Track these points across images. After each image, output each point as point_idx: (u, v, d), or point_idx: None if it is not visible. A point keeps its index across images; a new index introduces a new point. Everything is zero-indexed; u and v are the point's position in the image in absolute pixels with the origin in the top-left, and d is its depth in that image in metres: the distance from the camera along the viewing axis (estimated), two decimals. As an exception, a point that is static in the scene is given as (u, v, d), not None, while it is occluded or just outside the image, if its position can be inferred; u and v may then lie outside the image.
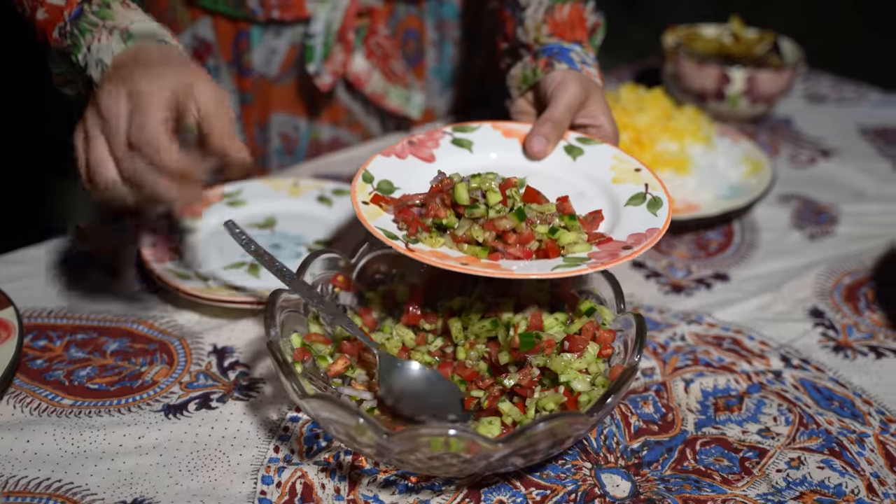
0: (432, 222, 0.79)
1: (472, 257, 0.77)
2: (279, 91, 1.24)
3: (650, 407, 0.84)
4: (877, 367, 0.91)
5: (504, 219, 0.77)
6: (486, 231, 0.77)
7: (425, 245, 0.78)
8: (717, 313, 0.98)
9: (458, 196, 0.78)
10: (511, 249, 0.77)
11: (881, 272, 1.06)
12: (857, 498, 0.75)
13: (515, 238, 0.77)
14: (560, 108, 0.90)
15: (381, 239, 0.77)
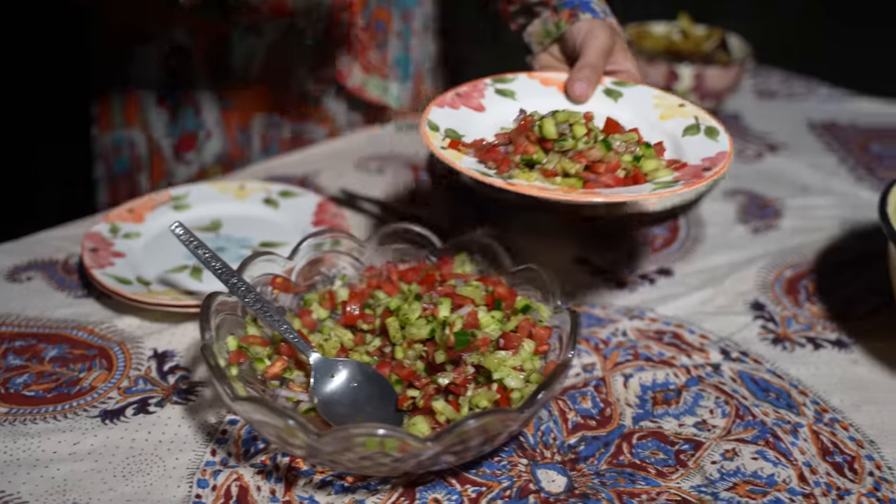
0: (521, 159, 0.82)
1: (571, 187, 0.80)
2: (259, 92, 1.25)
3: (588, 402, 0.85)
4: (814, 358, 0.92)
5: (593, 149, 0.81)
6: (576, 163, 0.80)
7: (521, 180, 0.80)
8: (660, 308, 0.99)
9: (547, 131, 0.81)
10: (603, 178, 0.80)
11: (822, 265, 1.07)
12: (789, 487, 0.77)
13: (605, 167, 0.81)
14: (595, 53, 0.93)
15: (476, 177, 0.79)
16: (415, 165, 1.26)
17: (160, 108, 1.26)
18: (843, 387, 0.88)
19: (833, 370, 0.91)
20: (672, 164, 0.84)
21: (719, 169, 0.81)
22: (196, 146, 1.28)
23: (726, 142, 0.87)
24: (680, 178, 0.82)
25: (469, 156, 0.84)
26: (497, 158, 0.82)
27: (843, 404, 0.86)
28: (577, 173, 0.81)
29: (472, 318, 0.78)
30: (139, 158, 1.31)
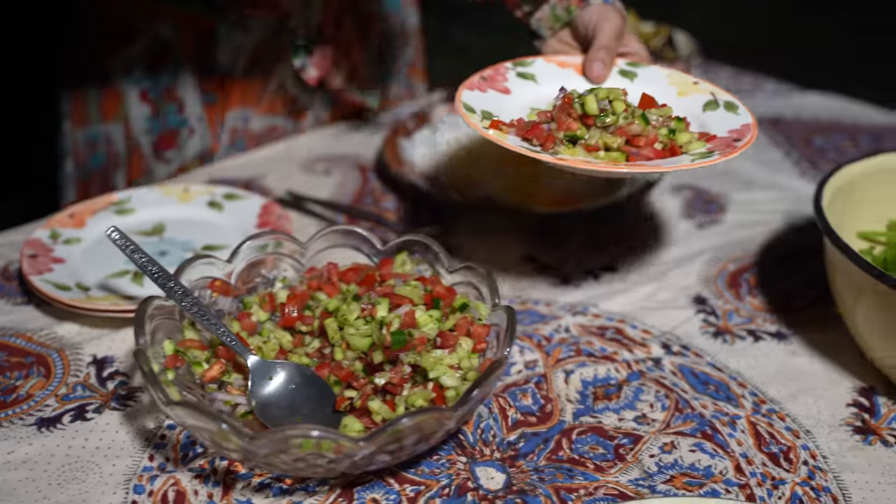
0: (564, 135, 0.84)
1: (614, 161, 0.84)
2: (241, 87, 1.24)
3: (529, 399, 0.85)
4: (754, 351, 0.93)
5: (633, 124, 0.84)
6: (617, 137, 0.84)
7: (566, 156, 0.83)
8: (603, 304, 0.99)
9: (589, 107, 0.85)
10: (644, 151, 0.84)
11: (764, 258, 1.09)
12: (725, 478, 0.77)
13: (644, 141, 0.84)
14: (609, 36, 0.96)
15: (525, 153, 0.82)
16: (363, 166, 1.26)
17: (143, 103, 1.26)
18: (781, 378, 0.89)
19: (772, 362, 0.92)
20: (703, 137, 0.88)
21: (749, 139, 0.85)
22: (177, 144, 1.28)
23: (748, 114, 0.90)
24: (713, 148, 0.86)
25: (512, 134, 0.87)
26: (541, 136, 0.85)
27: (780, 395, 0.87)
28: (619, 147, 0.84)
29: (410, 318, 0.78)
30: (116, 155, 1.30)
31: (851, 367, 0.90)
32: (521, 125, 0.87)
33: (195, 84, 1.23)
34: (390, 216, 1.15)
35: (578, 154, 0.84)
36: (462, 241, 1.09)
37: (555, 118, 0.87)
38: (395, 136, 1.25)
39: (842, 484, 0.77)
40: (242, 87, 1.26)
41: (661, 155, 0.85)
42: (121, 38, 1.23)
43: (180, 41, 1.20)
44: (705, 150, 0.86)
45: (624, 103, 0.86)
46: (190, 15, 1.18)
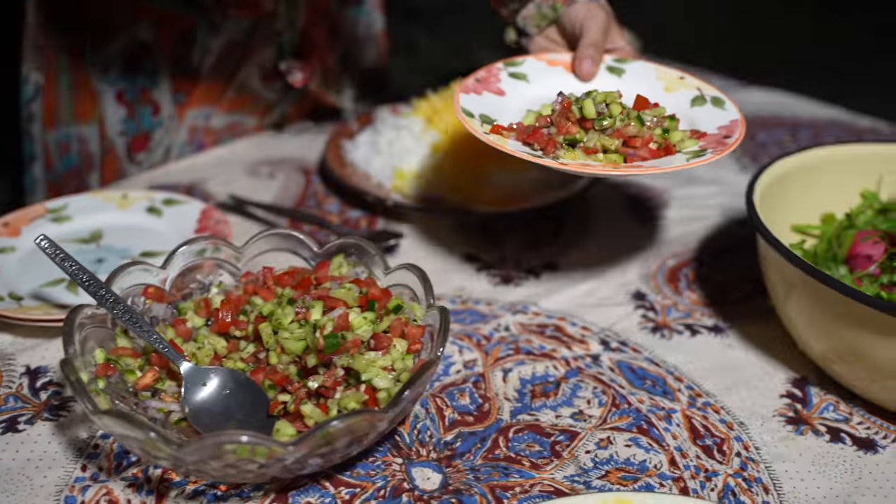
0: (563, 139, 0.86)
1: (613, 163, 0.85)
2: (204, 86, 1.23)
3: (467, 398, 0.86)
4: (691, 345, 0.94)
5: (629, 126, 0.86)
6: (614, 139, 0.86)
7: (567, 159, 0.85)
8: (543, 302, 1.00)
9: (587, 111, 0.86)
10: (640, 152, 0.86)
11: (703, 253, 1.10)
12: (660, 472, 0.78)
13: (640, 142, 0.86)
14: (596, 33, 0.98)
15: (529, 159, 0.83)
16: (307, 169, 1.26)
17: (118, 104, 1.24)
18: (717, 371, 0.91)
19: (708, 355, 0.93)
20: (694, 134, 0.89)
21: (739, 135, 0.87)
22: (148, 146, 1.26)
23: (734, 110, 0.92)
24: (706, 146, 0.87)
25: (512, 139, 0.88)
26: (542, 140, 0.87)
27: (716, 388, 0.88)
28: (617, 149, 0.86)
29: (343, 321, 0.78)
30: (90, 156, 1.29)
31: (785, 359, 0.92)
32: (521, 130, 0.89)
33: (169, 85, 1.22)
34: (333, 219, 1.15)
35: (578, 157, 0.86)
36: (406, 242, 1.09)
37: (554, 122, 0.89)
38: (338, 138, 1.24)
39: (773, 474, 0.78)
40: (206, 87, 1.26)
41: (656, 154, 0.87)
42: (99, 37, 1.21)
43: (158, 42, 1.19)
44: (698, 147, 0.88)
45: (620, 106, 0.88)
46: (170, 15, 1.18)
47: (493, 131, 0.89)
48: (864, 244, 0.93)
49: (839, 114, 1.48)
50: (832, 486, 0.77)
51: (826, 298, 0.80)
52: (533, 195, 1.14)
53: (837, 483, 0.78)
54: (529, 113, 0.94)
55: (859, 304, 0.76)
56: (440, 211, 1.10)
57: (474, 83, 0.96)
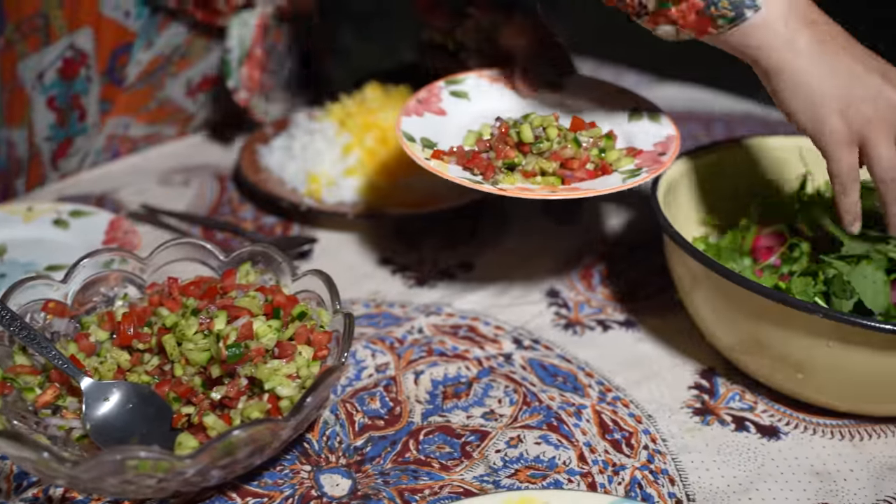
0: (503, 163, 0.87)
1: (551, 186, 0.87)
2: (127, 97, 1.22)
3: (377, 402, 0.86)
4: (602, 340, 0.96)
5: (566, 148, 0.88)
6: (552, 162, 0.87)
7: (506, 184, 0.86)
8: (457, 303, 1.00)
9: (525, 135, 0.88)
10: (578, 173, 0.88)
11: (618, 248, 1.11)
12: (568, 468, 0.79)
13: (577, 163, 0.88)
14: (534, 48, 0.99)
15: (468, 186, 0.85)
16: (222, 176, 1.24)
17: (49, 110, 1.21)
18: (627, 365, 0.92)
19: (619, 350, 0.94)
20: (630, 152, 0.91)
21: (673, 153, 0.89)
22: (68, 153, 1.24)
23: (670, 124, 0.94)
24: (641, 164, 0.89)
25: (453, 164, 0.89)
26: (481, 165, 0.88)
27: (626, 382, 0.89)
28: (555, 171, 0.88)
29: (247, 330, 0.77)
30: (18, 160, 1.25)
31: (693, 351, 0.93)
32: (462, 154, 0.90)
33: (98, 93, 1.20)
34: (247, 225, 1.14)
35: (517, 180, 0.88)
36: (320, 247, 1.09)
37: (493, 147, 0.90)
38: (253, 144, 1.23)
39: (679, 465, 0.80)
40: (130, 97, 1.23)
41: (593, 175, 0.89)
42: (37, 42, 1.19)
43: (95, 51, 1.17)
44: (633, 166, 0.89)
45: (557, 129, 0.89)
46: (111, 24, 1.16)
47: (434, 157, 0.90)
48: (765, 235, 0.95)
49: (753, 107, 1.51)
50: (736, 475, 0.79)
51: (726, 291, 0.82)
52: (449, 196, 1.14)
53: (741, 471, 0.79)
54: (469, 133, 0.95)
55: (757, 296, 0.78)
56: (354, 215, 1.10)
57: (416, 104, 0.97)
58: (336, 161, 1.14)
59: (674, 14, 0.79)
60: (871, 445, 0.82)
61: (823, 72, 0.77)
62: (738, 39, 0.79)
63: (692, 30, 0.80)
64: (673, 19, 0.80)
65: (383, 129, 1.16)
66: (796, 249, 0.91)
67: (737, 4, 0.77)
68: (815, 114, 0.78)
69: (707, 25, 0.79)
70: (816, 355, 0.79)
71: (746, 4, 0.77)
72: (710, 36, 0.80)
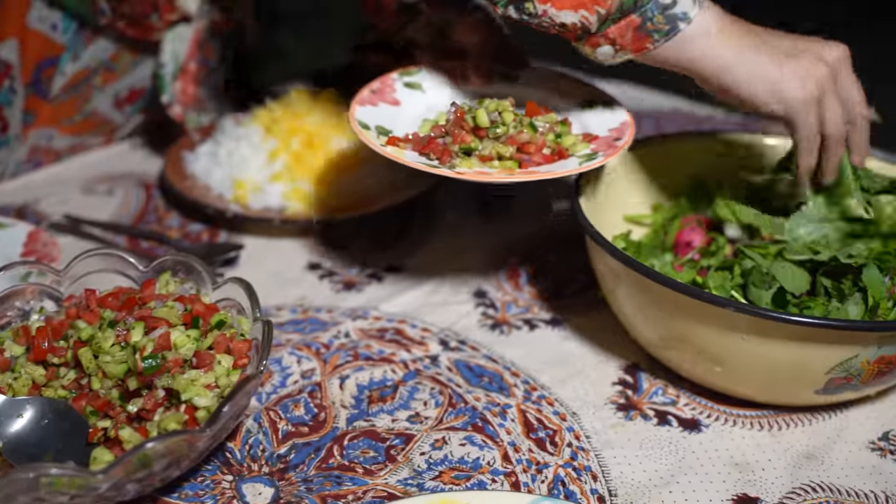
0: (459, 148, 0.87)
1: (508, 170, 0.87)
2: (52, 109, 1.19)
3: (301, 409, 0.85)
4: (529, 339, 0.96)
5: (522, 132, 0.88)
6: (508, 146, 0.87)
7: (463, 168, 0.86)
8: (384, 306, 1.00)
9: (481, 120, 0.88)
10: (534, 158, 0.88)
11: (545, 247, 1.12)
12: (492, 468, 0.79)
13: (534, 148, 0.88)
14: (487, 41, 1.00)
15: (425, 170, 0.85)
16: (148, 183, 1.23)
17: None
18: (553, 363, 0.92)
19: (545, 348, 0.95)
20: (586, 138, 0.92)
21: (628, 137, 0.91)
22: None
23: (624, 112, 0.95)
24: (597, 149, 0.90)
25: (409, 150, 0.89)
26: (437, 150, 0.88)
27: (551, 381, 0.90)
28: (511, 156, 0.88)
29: (164, 340, 0.76)
30: None
31: (618, 347, 0.94)
32: (417, 140, 0.90)
33: (21, 104, 1.18)
34: (173, 233, 1.12)
35: (474, 165, 0.88)
36: (247, 253, 1.08)
37: (449, 132, 0.89)
38: (178, 151, 1.22)
39: (602, 461, 0.81)
40: (54, 109, 1.21)
41: (550, 159, 0.89)
42: None
43: (20, 63, 1.14)
44: (589, 151, 0.90)
45: (513, 113, 0.89)
46: (39, 36, 1.13)
47: (390, 143, 0.89)
48: (685, 230, 0.96)
49: (681, 103, 1.53)
50: (657, 468, 0.80)
51: (645, 287, 0.83)
52: (377, 198, 1.14)
53: (663, 464, 0.80)
54: (425, 122, 0.95)
55: (673, 292, 0.79)
56: (281, 220, 1.09)
57: (369, 95, 0.96)
58: (262, 166, 1.13)
59: (613, 33, 0.82)
60: (788, 435, 0.84)
61: (769, 54, 0.83)
62: (673, 53, 0.83)
63: (630, 48, 0.83)
64: (612, 39, 0.83)
65: (309, 133, 1.15)
66: (713, 243, 0.92)
67: (671, 18, 0.81)
68: (778, 90, 0.83)
69: (644, 41, 0.82)
70: (733, 348, 0.80)
71: (679, 17, 0.81)
72: (647, 53, 0.83)
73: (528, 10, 0.82)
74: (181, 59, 1.20)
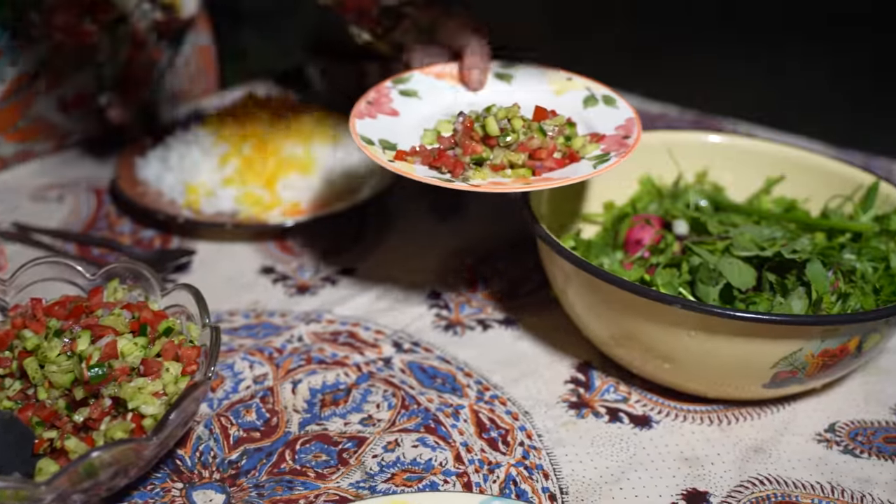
0: (470, 159, 0.86)
1: (523, 178, 0.86)
2: None
3: (253, 414, 0.85)
4: (482, 339, 0.96)
5: (532, 138, 0.86)
6: (520, 153, 0.86)
7: (477, 180, 0.85)
8: (338, 309, 1.00)
9: (490, 128, 0.86)
10: (547, 163, 0.86)
11: (500, 247, 1.12)
12: (445, 469, 0.80)
13: (545, 153, 0.86)
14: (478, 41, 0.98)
15: (440, 184, 0.83)
16: (99, 190, 1.21)
17: None
18: (506, 363, 0.93)
19: (499, 348, 0.95)
20: (594, 138, 0.90)
21: (637, 134, 0.89)
22: None
23: (627, 107, 0.93)
24: (608, 149, 0.88)
25: (418, 163, 0.87)
26: (449, 162, 0.86)
27: (504, 380, 0.91)
28: (524, 163, 0.87)
29: (111, 349, 0.76)
30: None
31: (570, 346, 0.95)
32: (427, 153, 0.88)
33: None
34: (125, 240, 1.11)
35: (487, 176, 0.86)
36: (199, 259, 1.07)
37: (459, 143, 0.88)
38: (129, 156, 1.21)
39: (554, 459, 0.81)
40: None
41: (562, 163, 0.87)
42: None
43: None
44: (600, 151, 0.89)
45: (521, 119, 0.88)
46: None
47: (398, 158, 0.88)
48: (634, 228, 0.97)
49: (634, 101, 1.54)
50: (608, 465, 0.81)
51: (594, 287, 0.84)
52: (332, 201, 1.14)
53: (613, 461, 0.81)
54: (427, 132, 0.93)
55: (620, 290, 0.80)
56: (233, 225, 1.09)
57: (367, 107, 0.94)
58: (213, 171, 1.12)
59: None
60: (737, 429, 0.85)
61: None
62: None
63: None
64: None
65: (261, 137, 1.15)
66: (663, 241, 0.93)
67: None
68: None
69: None
70: (681, 345, 0.81)
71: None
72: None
73: None
74: (121, 60, 1.18)
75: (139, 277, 0.86)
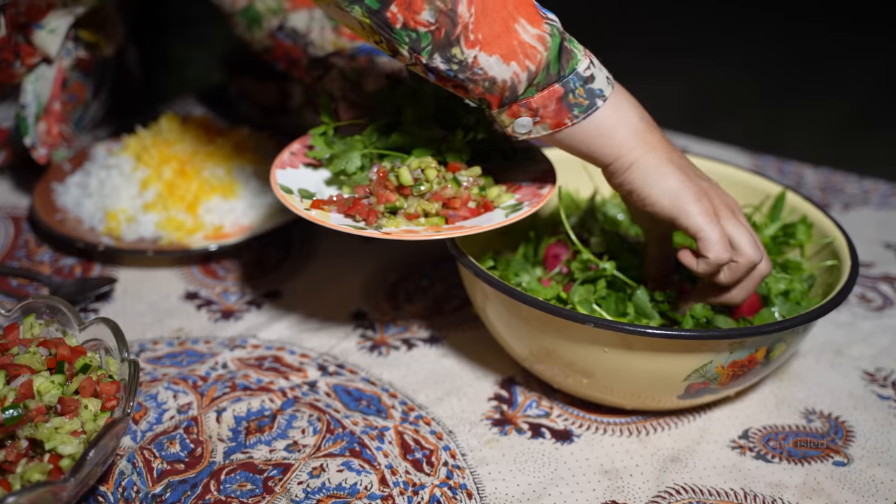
0: (384, 208, 0.86)
1: (435, 226, 0.86)
2: None
3: (177, 446, 0.85)
4: (407, 359, 0.98)
5: (446, 188, 0.88)
6: (433, 203, 0.87)
7: (390, 227, 0.85)
8: (263, 333, 1.00)
9: (404, 179, 0.87)
10: (461, 212, 0.88)
11: (424, 264, 1.13)
12: (370, 493, 0.80)
13: (459, 202, 0.88)
14: None
15: (352, 232, 0.84)
16: (17, 217, 1.19)
17: None
18: (431, 382, 0.94)
19: (423, 367, 0.96)
20: (510, 188, 0.92)
21: (552, 187, 0.90)
22: None
23: (545, 158, 0.95)
24: (522, 199, 0.90)
25: (334, 212, 0.88)
26: (363, 211, 0.86)
27: (428, 400, 0.92)
28: (437, 212, 0.88)
29: (27, 389, 0.75)
30: None
31: (494, 362, 0.97)
32: (342, 202, 0.89)
33: None
34: (45, 269, 1.10)
35: (401, 223, 0.87)
36: (122, 287, 1.07)
37: (373, 192, 0.88)
38: (47, 182, 1.19)
39: (477, 478, 0.83)
40: None
41: (476, 212, 0.89)
42: None
43: None
44: (514, 201, 0.90)
45: (435, 170, 0.89)
46: None
47: (314, 206, 0.88)
48: (553, 244, 0.99)
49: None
50: (531, 482, 0.82)
51: (510, 306, 0.85)
52: (255, 224, 1.14)
53: (535, 477, 0.83)
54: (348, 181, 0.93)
55: (534, 310, 0.82)
56: (154, 251, 1.08)
57: (290, 157, 0.95)
58: (134, 196, 1.12)
59: (536, 102, 0.79)
60: (655, 439, 0.88)
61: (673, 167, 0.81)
62: (591, 129, 0.81)
63: (549, 122, 0.80)
64: (534, 109, 0.80)
65: (181, 161, 1.14)
66: (578, 257, 0.96)
67: (590, 93, 0.79)
68: (678, 200, 0.80)
69: (564, 116, 0.80)
70: (597, 361, 0.83)
71: (597, 94, 0.79)
72: (565, 130, 0.81)
73: (455, 57, 0.77)
74: (44, 100, 1.17)
75: (56, 312, 0.85)
